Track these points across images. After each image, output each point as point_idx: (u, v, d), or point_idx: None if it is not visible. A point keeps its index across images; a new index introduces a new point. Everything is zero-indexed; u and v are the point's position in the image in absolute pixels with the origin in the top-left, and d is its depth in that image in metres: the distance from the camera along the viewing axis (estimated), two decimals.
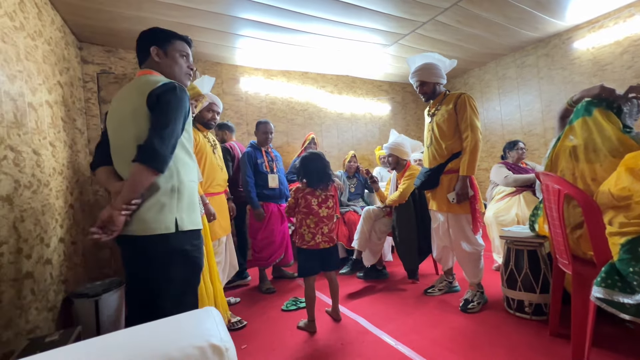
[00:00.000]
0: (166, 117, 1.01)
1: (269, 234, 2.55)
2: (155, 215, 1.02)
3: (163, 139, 0.99)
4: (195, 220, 1.14)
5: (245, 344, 1.74)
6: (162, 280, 1.04)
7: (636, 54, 2.96)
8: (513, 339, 1.57)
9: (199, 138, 1.97)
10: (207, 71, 3.40)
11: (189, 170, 1.14)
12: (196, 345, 0.46)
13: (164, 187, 1.04)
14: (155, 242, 1.02)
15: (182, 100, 1.07)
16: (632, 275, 1.09)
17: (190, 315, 0.56)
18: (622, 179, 1.20)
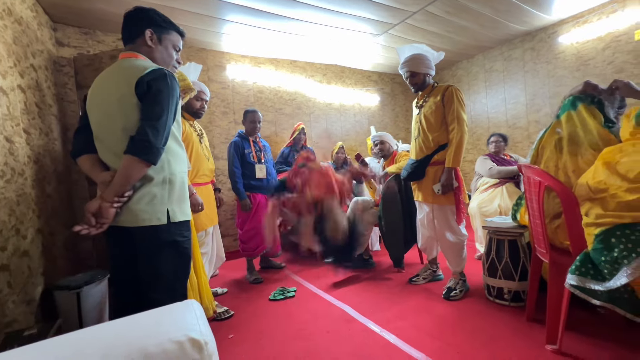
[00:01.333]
0: (159, 107, 0.98)
1: (256, 225, 2.54)
2: (146, 206, 1.00)
3: (157, 130, 0.96)
4: (186, 211, 1.13)
5: (232, 334, 1.75)
6: (152, 272, 1.03)
7: (617, 50, 3.04)
8: (492, 325, 1.64)
9: (186, 127, 1.92)
10: (192, 57, 3.29)
11: (180, 161, 1.12)
12: (174, 340, 0.45)
13: (156, 178, 1.02)
14: (146, 234, 1.00)
15: (174, 89, 1.04)
16: (604, 264, 1.14)
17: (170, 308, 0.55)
18: (599, 173, 1.25)
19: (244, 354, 1.56)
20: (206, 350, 0.46)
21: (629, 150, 1.18)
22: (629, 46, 2.96)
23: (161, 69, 1.02)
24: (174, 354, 0.43)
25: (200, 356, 0.45)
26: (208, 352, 0.47)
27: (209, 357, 0.46)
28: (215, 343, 0.52)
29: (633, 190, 1.10)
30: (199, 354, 0.45)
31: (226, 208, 3.41)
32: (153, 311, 0.55)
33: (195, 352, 0.45)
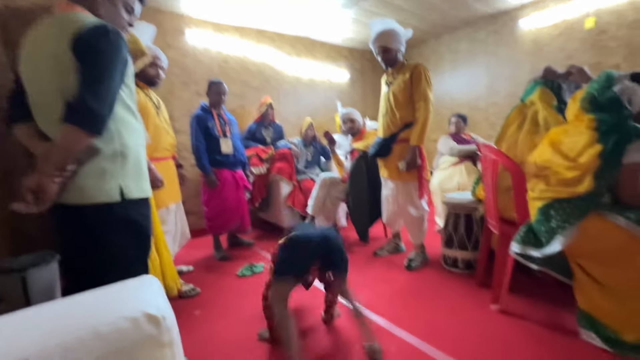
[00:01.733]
0: (100, 69, 0.86)
1: (223, 202, 2.47)
2: (95, 182, 0.91)
3: (98, 96, 0.85)
4: (144, 187, 1.04)
5: (199, 311, 1.74)
6: (106, 253, 0.95)
7: (569, 37, 3.24)
8: (447, 290, 1.79)
9: (140, 96, 1.76)
10: (145, 18, 2.96)
11: (134, 132, 1.01)
12: (128, 317, 0.42)
13: (105, 150, 0.92)
14: (97, 212, 0.92)
15: (119, 48, 0.91)
16: (543, 233, 1.27)
17: (124, 285, 0.52)
18: (545, 152, 1.36)
19: (212, 329, 1.56)
20: (164, 325, 0.44)
21: (571, 132, 1.29)
22: (580, 34, 3.17)
23: (104, 24, 0.90)
24: (128, 331, 0.41)
25: (157, 331, 0.43)
26: (166, 326, 0.45)
27: (167, 331, 0.45)
28: (174, 318, 0.50)
29: (571, 168, 1.22)
30: (157, 329, 0.44)
31: (190, 185, 3.26)
32: (105, 288, 0.52)
33: (152, 328, 0.43)
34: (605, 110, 1.20)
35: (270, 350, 1.37)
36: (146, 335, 0.42)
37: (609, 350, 1.19)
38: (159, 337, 0.44)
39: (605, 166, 1.15)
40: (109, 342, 0.39)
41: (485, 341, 1.32)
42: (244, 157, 2.69)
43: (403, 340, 1.37)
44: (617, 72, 1.23)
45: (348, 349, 1.34)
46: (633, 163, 1.12)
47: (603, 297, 1.20)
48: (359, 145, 2.64)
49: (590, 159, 1.17)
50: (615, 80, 1.21)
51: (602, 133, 1.17)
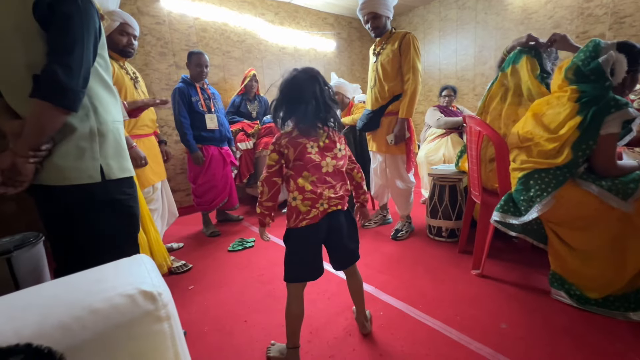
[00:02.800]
0: (69, 37, 0.78)
1: (210, 178, 2.45)
2: (74, 162, 0.86)
3: (69, 67, 0.78)
4: (126, 166, 1.00)
5: (192, 285, 1.77)
6: (92, 234, 0.93)
7: (557, 5, 3.19)
8: (431, 258, 1.88)
9: (115, 68, 1.65)
10: None
11: (111, 108, 0.96)
12: (124, 294, 0.43)
13: (80, 129, 0.87)
14: (77, 193, 0.88)
15: (88, 13, 0.83)
16: (522, 202, 1.33)
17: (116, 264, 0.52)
18: (528, 123, 1.38)
19: (206, 302, 1.61)
20: (160, 301, 0.46)
21: (553, 103, 1.32)
22: (567, 1, 3.12)
23: None
24: (125, 307, 0.42)
25: (154, 306, 0.45)
26: (162, 302, 0.46)
27: (163, 306, 0.46)
28: (170, 293, 0.51)
29: (552, 140, 1.26)
30: (153, 305, 0.45)
31: (175, 162, 3.19)
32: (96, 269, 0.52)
33: (148, 304, 0.44)
34: (588, 81, 1.21)
35: (264, 319, 1.43)
36: (143, 311, 0.43)
37: (575, 306, 1.30)
38: (156, 312, 0.45)
39: (583, 138, 1.19)
40: (107, 318, 0.40)
41: (466, 303, 1.42)
42: (229, 133, 2.63)
43: (390, 305, 1.45)
44: (605, 41, 1.23)
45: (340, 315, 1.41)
46: (609, 134, 1.17)
47: (573, 260, 1.29)
48: (347, 120, 2.61)
49: (570, 131, 1.20)
50: (602, 50, 1.21)
51: (582, 104, 1.20)
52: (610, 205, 1.18)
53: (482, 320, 1.30)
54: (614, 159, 1.21)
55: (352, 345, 1.22)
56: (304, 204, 1.07)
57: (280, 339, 1.27)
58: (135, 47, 1.78)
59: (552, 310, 1.32)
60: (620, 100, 1.15)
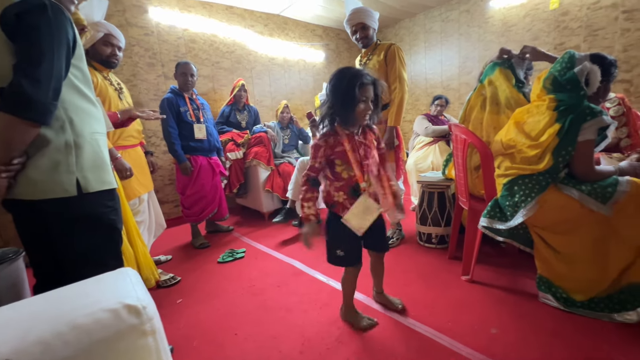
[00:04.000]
0: (37, 49, 0.77)
1: (199, 189, 2.42)
2: (48, 176, 0.84)
3: (37, 80, 0.76)
4: (106, 178, 0.98)
5: (180, 299, 1.73)
6: (71, 249, 0.91)
7: (535, 18, 3.35)
8: (422, 264, 1.89)
9: (97, 79, 1.64)
10: None
11: (89, 120, 0.94)
12: (107, 308, 0.42)
13: (55, 141, 0.85)
14: (53, 208, 0.86)
15: (60, 24, 0.81)
16: (507, 207, 1.37)
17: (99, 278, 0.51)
18: (510, 131, 1.43)
19: (195, 315, 1.57)
20: (145, 314, 0.44)
21: (533, 112, 1.37)
22: (545, 15, 3.28)
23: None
24: (109, 321, 0.40)
25: (139, 321, 0.44)
26: (147, 315, 0.45)
27: (148, 320, 0.45)
28: (154, 306, 0.50)
29: (533, 147, 1.30)
30: (138, 319, 0.44)
31: (163, 173, 3.15)
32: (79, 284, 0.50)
33: (132, 318, 0.43)
34: (565, 91, 1.27)
35: (256, 331, 1.40)
36: (127, 325, 0.42)
37: (562, 309, 1.33)
38: (140, 327, 0.44)
39: (562, 144, 1.24)
40: (89, 333, 0.38)
41: (457, 309, 1.43)
42: (218, 143, 2.62)
43: (382, 314, 1.45)
44: (579, 53, 1.29)
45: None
46: (586, 140, 1.22)
47: (558, 263, 1.32)
48: None
49: (550, 138, 1.25)
50: (577, 61, 1.27)
51: (560, 113, 1.25)
52: (591, 209, 1.22)
53: (473, 326, 1.30)
54: (592, 164, 1.26)
55: (345, 354, 1.21)
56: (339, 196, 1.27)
57: (272, 352, 1.25)
58: (120, 58, 1.77)
59: (541, 314, 1.34)
60: (595, 109, 1.20)
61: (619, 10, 2.84)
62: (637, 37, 2.79)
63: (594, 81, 1.25)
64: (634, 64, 2.84)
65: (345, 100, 1.11)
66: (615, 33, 2.89)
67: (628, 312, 1.21)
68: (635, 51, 2.81)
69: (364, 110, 1.14)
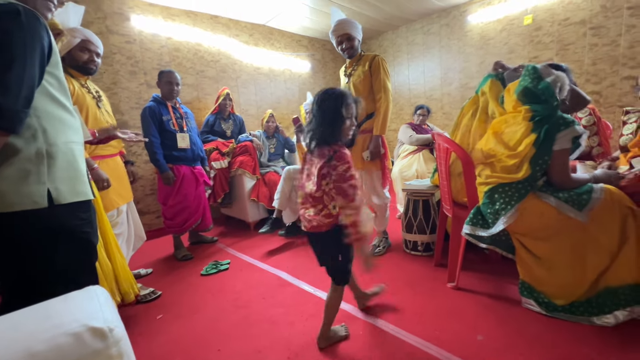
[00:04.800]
0: (8, 55, 0.74)
1: (182, 199, 2.35)
2: (16, 186, 0.80)
3: (6, 88, 0.73)
4: (80, 189, 0.94)
5: (161, 314, 1.66)
6: (41, 265, 0.85)
7: (511, 32, 3.51)
8: (408, 272, 1.90)
9: (74, 87, 1.58)
10: (80, 1, 2.65)
11: (65, 128, 0.90)
12: (69, 332, 0.38)
13: (25, 151, 0.81)
14: (22, 220, 0.81)
15: (34, 30, 0.79)
16: (489, 215, 1.39)
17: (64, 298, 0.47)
18: (489, 141, 1.47)
19: (176, 331, 1.50)
20: (111, 337, 0.41)
21: (510, 122, 1.42)
22: (519, 29, 3.44)
23: (11, 3, 0.78)
24: (69, 347, 0.37)
25: (104, 344, 0.40)
26: (114, 338, 0.42)
27: (115, 343, 0.42)
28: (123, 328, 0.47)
29: (512, 156, 1.34)
30: (103, 342, 0.40)
31: (144, 183, 3.05)
32: (42, 304, 0.46)
33: (97, 342, 0.40)
34: (539, 101, 1.32)
35: (240, 346, 1.35)
36: (91, 351, 0.39)
37: (544, 313, 1.35)
38: (106, 351, 0.40)
39: (539, 153, 1.28)
40: None
41: (443, 317, 1.43)
42: (202, 152, 2.57)
43: (369, 324, 1.43)
44: (538, 65, 1.38)
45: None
46: (561, 149, 1.27)
47: (539, 269, 1.35)
48: None
49: (527, 148, 1.29)
50: (541, 71, 1.35)
51: (535, 123, 1.30)
52: (568, 216, 1.26)
53: (459, 334, 1.30)
54: (568, 172, 1.31)
55: None
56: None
57: None
58: (98, 64, 1.72)
59: (524, 319, 1.35)
60: (568, 119, 1.26)
61: (586, 27, 3.02)
62: (604, 52, 2.96)
63: (565, 88, 1.32)
64: (602, 76, 3.00)
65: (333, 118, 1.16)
66: (584, 48, 3.06)
67: (606, 316, 1.24)
68: (603, 64, 2.98)
69: (349, 127, 1.21)
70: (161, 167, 2.24)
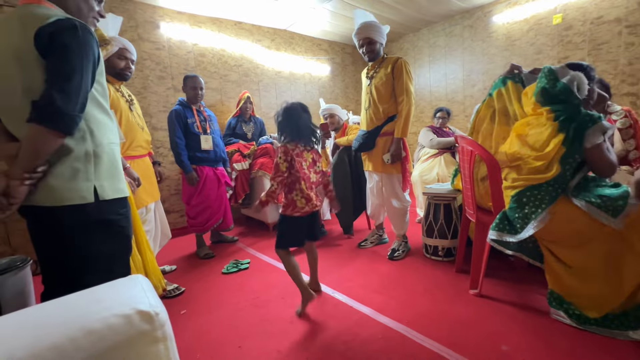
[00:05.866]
0: (68, 66, 0.83)
1: (205, 199, 2.43)
2: (67, 183, 0.88)
3: (67, 94, 0.82)
4: (120, 187, 1.02)
5: (184, 310, 1.72)
6: (83, 254, 0.93)
7: (539, 32, 3.39)
8: (428, 277, 1.86)
9: (110, 92, 1.68)
10: (115, 10, 2.82)
11: (107, 131, 0.99)
12: (120, 314, 0.42)
13: (76, 150, 0.89)
14: (69, 214, 0.89)
15: (88, 43, 0.88)
16: (517, 220, 1.35)
17: (112, 284, 0.51)
18: (514, 144, 1.44)
19: (199, 327, 1.55)
20: (157, 321, 0.44)
21: (533, 124, 1.38)
22: (548, 29, 3.32)
23: (70, 19, 0.86)
24: (121, 327, 0.40)
25: (150, 327, 0.43)
26: (159, 322, 0.45)
27: (160, 327, 0.45)
28: (167, 314, 0.50)
29: (539, 157, 1.31)
30: (150, 325, 0.43)
31: (170, 183, 3.18)
32: (91, 289, 0.50)
33: (144, 324, 0.43)
34: (559, 101, 1.30)
35: (259, 345, 1.38)
36: (139, 331, 0.42)
37: (575, 326, 1.29)
38: (152, 333, 0.43)
39: (569, 152, 1.25)
40: (102, 339, 0.38)
41: (465, 324, 1.39)
42: (224, 154, 2.65)
43: (388, 327, 1.42)
44: (556, 66, 1.35)
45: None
46: (594, 145, 1.23)
47: (570, 278, 1.29)
48: (342, 141, 2.66)
49: (555, 147, 1.26)
50: (558, 72, 1.31)
51: (561, 122, 1.26)
52: (601, 222, 1.20)
53: (482, 343, 1.27)
54: (610, 161, 1.25)
55: None
56: (301, 202, 1.56)
57: None
58: (132, 71, 1.83)
59: (553, 331, 1.30)
60: (594, 115, 1.23)
61: (622, 25, 2.87)
62: None
63: (583, 87, 1.28)
64: (639, 77, 2.84)
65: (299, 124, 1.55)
66: (619, 47, 2.90)
67: None
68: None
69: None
70: (185, 167, 2.33)
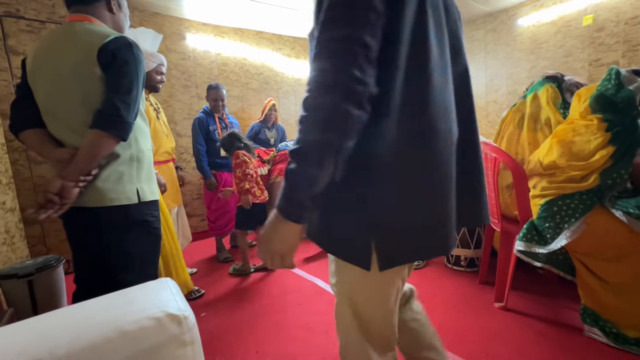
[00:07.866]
0: (128, 79, 0.92)
1: (223, 204, 2.49)
2: (114, 185, 0.95)
3: (127, 105, 0.91)
4: (155, 190, 1.09)
5: (204, 312, 1.75)
6: (122, 253, 0.99)
7: (567, 34, 3.25)
8: (450, 288, 1.80)
9: None
10: (145, 23, 2.98)
11: (146, 138, 1.07)
12: (151, 316, 0.44)
13: (123, 155, 0.97)
14: (115, 214, 0.96)
15: (141, 60, 0.97)
16: (547, 230, 1.28)
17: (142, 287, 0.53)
18: (552, 151, 1.35)
19: (217, 330, 1.57)
20: (186, 324, 0.46)
21: (581, 131, 1.29)
22: (577, 31, 3.18)
23: (124, 37, 0.95)
24: (153, 330, 0.42)
25: (180, 330, 0.45)
26: (188, 325, 0.46)
27: (189, 330, 0.46)
28: (194, 317, 0.52)
29: (580, 167, 1.23)
30: (179, 328, 0.45)
31: (192, 188, 3.28)
32: (123, 291, 0.53)
33: (174, 327, 0.45)
34: (615, 110, 1.20)
35: (275, 351, 1.38)
36: (170, 335, 0.43)
37: (612, 345, 1.20)
38: (181, 336, 0.45)
39: (616, 167, 1.17)
40: (135, 341, 0.40)
41: (490, 339, 1.33)
42: None
43: None
44: (623, 69, 1.25)
45: None
46: None
47: (606, 294, 1.21)
48: None
49: (602, 159, 1.18)
50: (624, 78, 1.22)
51: (614, 134, 1.18)
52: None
53: (509, 359, 1.21)
54: None
55: None
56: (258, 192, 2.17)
57: None
58: (164, 83, 1.95)
59: (587, 350, 1.21)
60: None
61: None
62: None
63: None
64: None
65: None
66: None
67: None
68: None
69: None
70: (205, 173, 2.42)
